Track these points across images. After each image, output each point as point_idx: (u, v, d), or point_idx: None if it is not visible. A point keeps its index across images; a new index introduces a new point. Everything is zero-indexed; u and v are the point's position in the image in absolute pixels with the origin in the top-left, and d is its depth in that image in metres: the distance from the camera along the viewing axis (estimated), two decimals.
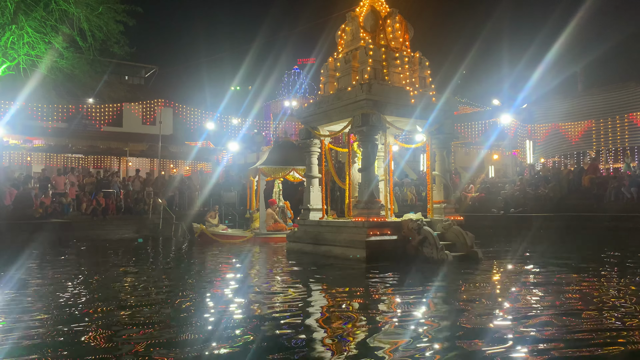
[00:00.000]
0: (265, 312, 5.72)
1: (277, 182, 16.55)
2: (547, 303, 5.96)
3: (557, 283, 7.31)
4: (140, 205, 20.72)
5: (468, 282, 7.77)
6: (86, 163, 28.20)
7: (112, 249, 13.81)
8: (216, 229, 15.73)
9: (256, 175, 15.81)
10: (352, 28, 11.97)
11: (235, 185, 23.12)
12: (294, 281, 8.33)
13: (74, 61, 18.78)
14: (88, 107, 25.85)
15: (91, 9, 17.70)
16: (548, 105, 26.16)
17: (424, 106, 11.21)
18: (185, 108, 28.20)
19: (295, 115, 17.62)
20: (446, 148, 11.84)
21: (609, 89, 23.47)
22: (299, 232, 12.57)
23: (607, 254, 10.84)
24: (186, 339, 4.53)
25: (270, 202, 15.94)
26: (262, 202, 15.60)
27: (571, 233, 14.82)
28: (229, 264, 10.76)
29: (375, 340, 4.45)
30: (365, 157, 10.91)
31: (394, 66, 11.47)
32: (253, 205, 16.34)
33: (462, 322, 5.10)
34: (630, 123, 21.96)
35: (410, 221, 10.42)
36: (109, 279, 8.31)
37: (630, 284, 7.28)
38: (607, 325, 4.87)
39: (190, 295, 6.82)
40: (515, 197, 19.51)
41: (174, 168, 31.05)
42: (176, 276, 8.82)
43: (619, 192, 17.06)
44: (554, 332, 4.67)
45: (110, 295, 6.71)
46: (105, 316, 5.42)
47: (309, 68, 47.50)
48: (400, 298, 6.58)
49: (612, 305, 5.76)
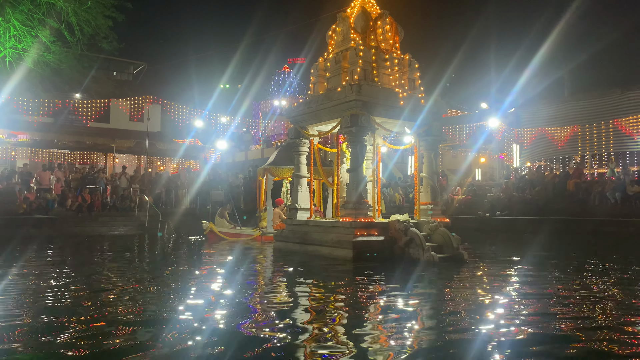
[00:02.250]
0: (245, 312, 5.71)
1: (285, 181, 16.67)
2: (530, 304, 6.03)
3: (538, 285, 7.38)
4: (127, 203, 20.56)
5: (453, 283, 7.83)
6: (72, 159, 27.90)
7: (96, 246, 13.68)
8: (224, 227, 15.94)
9: (264, 175, 15.93)
10: (343, 29, 11.99)
11: (223, 183, 23.03)
12: (279, 280, 8.32)
13: (61, 55, 18.53)
14: (75, 102, 25.58)
15: (80, 3, 17.48)
16: (535, 110, 26.43)
17: (412, 108, 11.27)
18: (174, 105, 28.04)
19: (285, 114, 17.61)
20: (434, 150, 11.92)
21: (594, 95, 23.78)
22: (287, 232, 12.56)
23: (589, 258, 10.97)
24: (164, 340, 4.47)
25: (277, 202, 16.08)
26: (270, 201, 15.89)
27: (556, 237, 14.98)
28: (213, 263, 10.70)
29: (360, 341, 4.46)
30: (354, 157, 10.94)
31: (384, 67, 11.52)
32: (261, 205, 16.44)
33: (446, 323, 5.14)
34: (615, 129, 22.28)
35: (397, 222, 10.47)
36: (87, 277, 8.23)
37: (610, 286, 7.38)
38: (589, 326, 4.94)
39: (169, 293, 6.77)
40: (501, 200, 19.69)
41: (161, 165, 30.85)
42: (159, 274, 8.76)
43: (603, 196, 17.30)
44: (536, 332, 4.72)
45: (88, 296, 6.64)
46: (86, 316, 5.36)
47: (299, 67, 47.51)
48: (385, 299, 6.60)
49: (592, 307, 5.84)
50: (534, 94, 27.54)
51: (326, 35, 12.51)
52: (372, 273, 8.56)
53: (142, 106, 27.22)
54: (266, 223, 15.68)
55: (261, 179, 16.44)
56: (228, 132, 30.82)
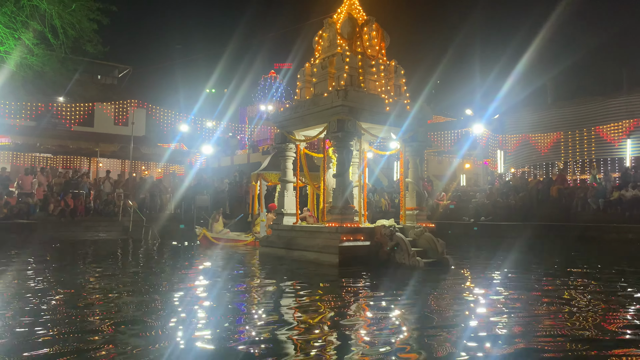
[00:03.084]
0: (230, 317, 5.67)
1: (278, 187, 16.61)
2: (514, 309, 6.08)
3: (521, 289, 7.45)
4: (110, 207, 20.34)
5: (438, 288, 7.86)
6: (55, 163, 27.50)
7: (78, 252, 13.49)
8: (217, 233, 15.81)
9: (258, 180, 15.85)
10: (330, 34, 12.04)
11: (208, 188, 22.90)
12: (264, 285, 8.28)
13: (45, 58, 18.31)
14: (58, 106, 25.27)
15: (64, 6, 17.30)
16: (518, 117, 26.75)
17: (398, 114, 11.34)
18: (159, 109, 27.86)
19: (271, 119, 17.61)
20: (419, 156, 11.99)
21: (577, 102, 24.16)
22: (272, 237, 12.52)
23: (571, 263, 11.10)
24: (148, 349, 4.42)
25: (270, 207, 15.98)
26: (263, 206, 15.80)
27: (539, 242, 15.15)
28: (199, 268, 10.61)
29: (344, 347, 4.46)
30: (340, 163, 10.96)
31: (370, 73, 11.58)
32: (255, 210, 16.35)
33: (429, 327, 5.16)
34: (597, 136, 22.63)
35: (383, 227, 10.50)
36: (68, 284, 8.11)
37: (592, 292, 7.48)
38: (571, 332, 5.00)
39: (156, 300, 6.71)
40: (486, 206, 19.87)
41: (145, 170, 30.58)
42: (144, 280, 8.67)
43: (586, 202, 17.55)
44: (519, 335, 4.76)
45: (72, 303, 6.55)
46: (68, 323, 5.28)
47: (285, 72, 47.54)
48: (370, 304, 6.60)
49: (573, 312, 5.91)
50: (517, 100, 27.90)
51: (313, 40, 12.55)
52: (358, 278, 8.56)
53: (126, 110, 26.99)
54: (259, 228, 15.57)
55: (255, 184, 16.36)
56: (214, 137, 30.69)
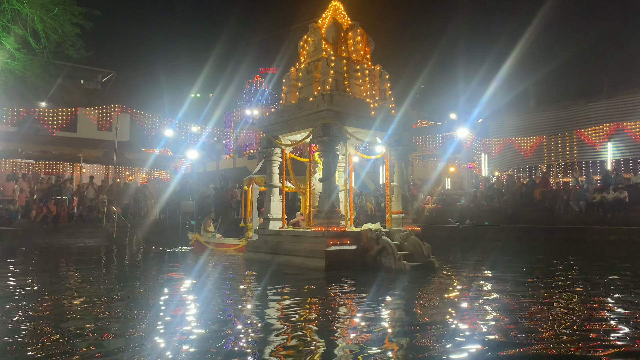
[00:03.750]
0: (217, 322, 5.64)
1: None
2: (497, 310, 6.14)
3: (505, 292, 7.52)
4: (94, 214, 20.11)
5: (424, 291, 7.90)
6: (37, 169, 27.14)
7: (60, 259, 13.29)
8: (210, 237, 15.71)
9: (250, 184, 15.75)
10: (315, 39, 12.06)
11: (193, 193, 22.74)
12: (249, 290, 8.24)
13: (26, 63, 18.07)
14: (40, 111, 24.91)
15: (46, 10, 17.09)
16: (502, 120, 27.07)
17: (383, 118, 11.39)
18: (143, 114, 27.59)
19: (257, 123, 17.55)
20: (405, 160, 12.05)
21: (559, 106, 24.52)
22: (258, 242, 12.48)
23: (553, 265, 11.23)
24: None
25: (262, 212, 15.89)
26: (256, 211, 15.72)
27: (523, 244, 15.29)
28: (183, 273, 10.52)
29: (329, 352, 4.46)
30: (326, 167, 10.97)
31: (355, 78, 11.63)
32: (248, 215, 16.24)
33: (414, 330, 5.18)
34: (579, 139, 22.99)
35: (369, 231, 10.52)
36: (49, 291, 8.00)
37: (572, 293, 7.58)
38: (554, 332, 5.06)
39: (137, 308, 6.64)
40: (471, 209, 20.01)
41: (130, 175, 30.29)
42: (127, 286, 8.58)
43: (568, 205, 17.77)
44: (500, 340, 4.80)
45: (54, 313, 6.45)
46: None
47: (271, 77, 47.54)
48: (356, 307, 6.61)
49: (554, 314, 5.99)
50: (501, 105, 28.26)
51: (298, 45, 12.57)
52: (344, 282, 8.56)
53: (110, 115, 26.69)
54: (252, 233, 15.45)
55: (247, 189, 16.27)
56: (199, 142, 30.49)
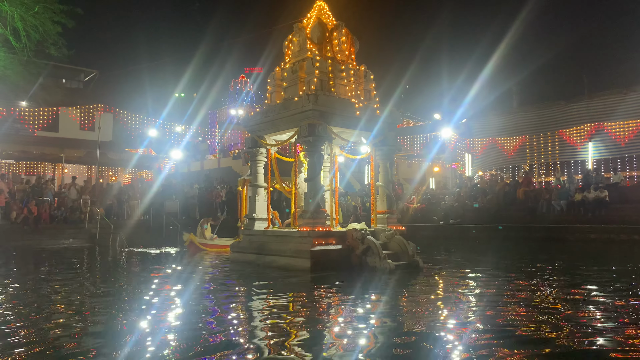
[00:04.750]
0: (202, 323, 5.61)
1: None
2: (483, 308, 6.20)
3: (490, 290, 7.60)
4: (76, 214, 19.83)
5: (408, 290, 7.95)
6: (17, 169, 26.70)
7: (40, 261, 13.11)
8: (205, 239, 15.63)
9: (244, 185, 15.65)
10: (300, 39, 12.06)
11: (177, 194, 22.57)
12: (235, 291, 8.22)
13: (6, 62, 17.81)
14: (21, 111, 24.48)
15: (27, 8, 16.84)
16: (485, 120, 27.34)
17: (368, 118, 11.43)
18: (126, 114, 27.27)
19: (242, 123, 17.47)
20: (389, 160, 12.11)
21: (541, 107, 24.85)
22: (244, 242, 12.44)
23: (534, 263, 11.37)
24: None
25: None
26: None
27: (506, 243, 15.47)
28: (167, 272, 10.45)
29: (316, 352, 4.46)
30: (312, 167, 10.97)
31: (340, 78, 11.65)
32: (242, 215, 16.15)
33: (399, 329, 5.21)
34: (560, 139, 23.33)
35: (354, 231, 10.55)
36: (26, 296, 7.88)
37: (553, 290, 7.69)
38: (538, 331, 5.13)
39: (123, 309, 6.58)
40: (455, 208, 20.18)
41: (113, 176, 29.95)
42: (111, 287, 8.49)
43: (550, 204, 18.02)
44: (487, 338, 4.85)
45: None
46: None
47: (256, 77, 47.38)
48: (341, 307, 6.63)
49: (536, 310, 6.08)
50: (484, 105, 28.55)
51: (283, 45, 12.55)
52: (330, 282, 8.58)
53: (93, 115, 26.34)
54: None
55: (241, 190, 16.20)
56: (183, 142, 30.25)
